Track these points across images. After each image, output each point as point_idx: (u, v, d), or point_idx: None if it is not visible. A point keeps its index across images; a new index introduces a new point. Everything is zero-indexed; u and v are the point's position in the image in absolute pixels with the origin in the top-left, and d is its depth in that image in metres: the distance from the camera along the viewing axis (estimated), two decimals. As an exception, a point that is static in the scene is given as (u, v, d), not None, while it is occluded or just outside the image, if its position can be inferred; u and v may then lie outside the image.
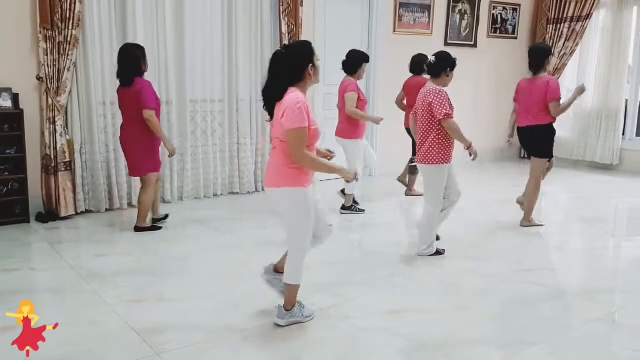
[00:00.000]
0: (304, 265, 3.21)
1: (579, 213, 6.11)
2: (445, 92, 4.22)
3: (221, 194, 6.33)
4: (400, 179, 6.54)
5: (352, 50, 5.59)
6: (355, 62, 5.45)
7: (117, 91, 4.91)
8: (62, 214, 5.26)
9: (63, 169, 5.26)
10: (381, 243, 4.94)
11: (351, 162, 5.51)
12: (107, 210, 5.58)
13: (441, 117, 4.15)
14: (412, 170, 6.38)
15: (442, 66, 4.28)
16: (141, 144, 4.81)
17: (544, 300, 3.74)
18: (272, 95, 3.03)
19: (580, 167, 8.59)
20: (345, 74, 5.53)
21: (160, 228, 5.06)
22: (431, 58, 4.32)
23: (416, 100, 4.46)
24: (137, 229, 4.99)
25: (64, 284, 3.87)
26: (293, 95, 2.95)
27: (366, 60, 5.52)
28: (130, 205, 5.73)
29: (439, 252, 4.51)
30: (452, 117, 4.19)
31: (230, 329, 3.23)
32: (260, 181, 6.59)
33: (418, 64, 6.04)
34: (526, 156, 9.03)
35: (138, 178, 5.31)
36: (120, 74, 4.77)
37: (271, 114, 3.07)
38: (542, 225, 5.41)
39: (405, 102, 6.25)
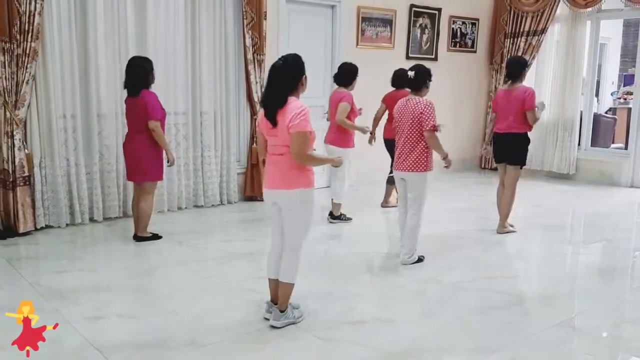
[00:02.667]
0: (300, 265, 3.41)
1: (538, 221, 6.26)
2: (433, 105, 4.43)
3: (185, 207, 6.28)
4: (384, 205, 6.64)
5: (344, 62, 5.82)
6: (350, 74, 5.66)
7: (125, 101, 5.00)
8: (21, 230, 5.13)
9: (22, 183, 5.14)
10: (345, 254, 4.98)
11: (340, 170, 5.59)
12: (67, 225, 5.47)
13: (428, 129, 4.36)
14: (389, 181, 6.48)
15: (423, 79, 4.50)
16: (146, 152, 4.90)
17: (504, 307, 3.82)
18: (275, 104, 3.20)
19: (539, 176, 8.81)
20: (338, 86, 5.72)
21: (160, 237, 5.11)
22: (410, 73, 4.48)
23: (394, 112, 4.65)
24: (138, 238, 5.01)
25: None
26: (298, 103, 3.21)
27: (357, 71, 5.73)
28: (91, 220, 5.64)
29: (420, 259, 4.65)
30: (438, 130, 4.41)
31: (193, 344, 3.20)
32: (225, 193, 6.56)
33: (400, 78, 6.19)
34: (489, 166, 9.24)
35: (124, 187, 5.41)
36: (127, 85, 4.87)
37: (274, 122, 3.22)
38: (515, 232, 5.60)
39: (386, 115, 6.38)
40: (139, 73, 4.82)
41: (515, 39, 8.86)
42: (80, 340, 3.19)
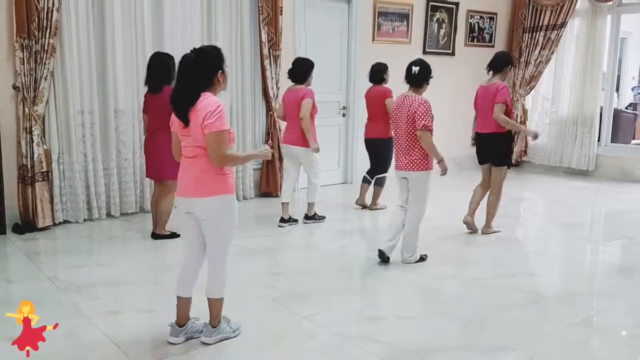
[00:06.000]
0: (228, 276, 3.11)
1: (557, 218, 6.19)
2: (429, 104, 4.27)
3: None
4: (359, 203, 6.24)
5: (298, 57, 5.53)
6: (306, 70, 5.37)
7: (145, 96, 4.94)
8: (40, 225, 5.18)
9: (40, 179, 5.19)
10: (362, 250, 4.96)
11: (312, 169, 5.42)
12: (85, 220, 5.51)
13: (419, 128, 4.21)
14: (379, 182, 6.09)
15: (426, 75, 4.35)
16: (165, 148, 4.74)
17: (522, 305, 3.78)
18: (184, 102, 2.87)
19: (557, 173, 8.71)
20: (293, 83, 5.39)
21: (178, 236, 4.87)
22: (414, 68, 4.32)
23: (393, 110, 4.44)
24: (156, 236, 4.98)
25: (41, 296, 3.80)
26: (212, 99, 2.87)
27: (313, 66, 5.44)
28: (109, 215, 5.68)
29: (422, 259, 4.53)
30: (430, 130, 4.24)
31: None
32: (241, 189, 6.57)
33: (378, 73, 5.98)
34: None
35: (147, 184, 5.47)
36: (149, 81, 4.81)
37: (185, 121, 2.89)
38: (500, 232, 5.40)
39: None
40: (162, 69, 4.74)
41: (534, 34, 8.74)
42: (99, 334, 3.21)
